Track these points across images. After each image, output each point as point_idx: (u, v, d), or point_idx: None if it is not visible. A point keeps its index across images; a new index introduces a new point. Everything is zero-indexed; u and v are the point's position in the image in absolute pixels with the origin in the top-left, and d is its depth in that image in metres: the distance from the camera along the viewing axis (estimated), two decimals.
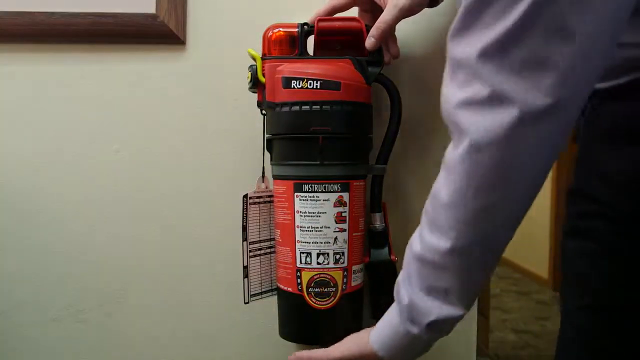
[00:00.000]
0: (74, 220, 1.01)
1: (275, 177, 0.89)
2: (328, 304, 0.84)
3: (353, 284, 0.87)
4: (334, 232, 0.84)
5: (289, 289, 0.86)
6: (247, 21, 1.00)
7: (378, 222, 0.91)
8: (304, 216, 0.84)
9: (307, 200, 0.83)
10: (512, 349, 2.31)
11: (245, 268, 0.91)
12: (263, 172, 0.96)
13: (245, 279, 0.91)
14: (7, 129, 1.00)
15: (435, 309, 0.66)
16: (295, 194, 0.84)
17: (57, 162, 1.00)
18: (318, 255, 0.83)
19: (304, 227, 0.84)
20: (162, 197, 1.01)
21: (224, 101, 1.00)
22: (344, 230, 0.84)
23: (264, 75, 0.87)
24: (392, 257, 0.90)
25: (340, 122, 0.83)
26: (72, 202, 1.01)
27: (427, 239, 0.64)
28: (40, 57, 1.00)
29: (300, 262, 0.84)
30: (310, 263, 0.84)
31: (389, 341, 0.71)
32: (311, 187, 0.83)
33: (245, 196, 0.92)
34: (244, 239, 0.91)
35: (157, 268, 1.02)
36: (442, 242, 0.62)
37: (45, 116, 1.00)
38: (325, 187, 0.83)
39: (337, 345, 0.78)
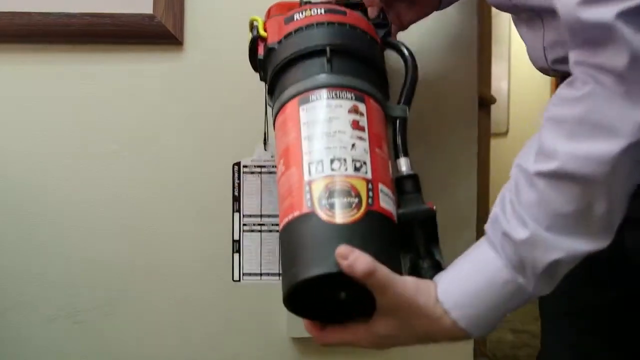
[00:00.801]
0: (71, 221, 1.00)
1: (276, 114, 0.71)
2: (350, 217, 0.57)
3: (383, 205, 0.60)
4: (351, 138, 0.63)
5: (295, 214, 0.60)
6: (245, 21, 0.99)
7: (405, 168, 0.68)
8: (312, 125, 0.64)
9: (315, 108, 0.65)
10: (511, 348, 2.31)
11: (237, 242, 0.85)
12: (265, 138, 0.90)
13: (237, 254, 0.85)
14: (2, 129, 1.00)
15: (564, 242, 0.51)
16: (300, 107, 0.65)
17: (55, 163, 1.00)
18: (332, 161, 0.61)
19: (313, 135, 0.63)
20: (160, 198, 1.01)
21: (221, 101, 1.00)
22: (363, 139, 0.63)
23: (265, 30, 0.77)
24: (430, 204, 0.65)
25: (349, 39, 0.71)
26: (69, 202, 1.00)
27: (574, 148, 0.51)
28: (37, 57, 1.00)
29: (310, 173, 0.61)
30: (322, 171, 0.60)
31: (471, 299, 0.54)
32: (319, 95, 0.65)
33: (238, 164, 0.85)
34: (236, 209, 0.86)
35: (155, 269, 1.01)
36: (609, 145, 0.49)
37: (42, 117, 1.00)
38: (336, 94, 0.65)
39: (389, 281, 0.54)
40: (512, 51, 3.55)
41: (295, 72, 0.70)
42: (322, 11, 0.72)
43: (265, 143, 0.93)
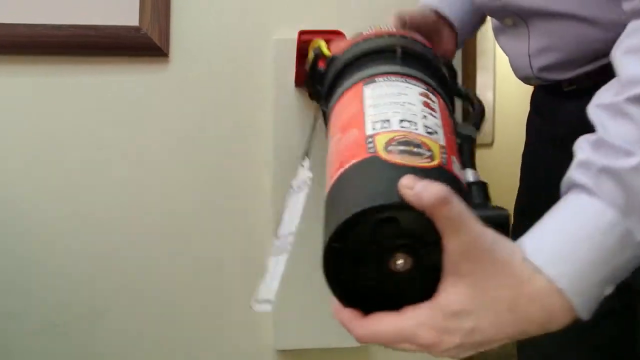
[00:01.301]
0: (55, 233, 0.99)
1: (333, 105, 0.65)
2: (419, 163, 0.47)
3: (456, 172, 0.52)
4: (422, 111, 0.55)
5: (352, 161, 0.51)
6: (231, 34, 1.00)
7: (472, 177, 0.60)
8: (378, 97, 0.57)
9: (382, 87, 0.58)
10: (501, 347, 2.31)
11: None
12: (306, 154, 0.87)
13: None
14: None
15: None
16: (365, 86, 0.59)
17: (38, 175, 0.99)
18: (401, 121, 0.53)
19: (379, 103, 0.56)
20: (144, 211, 1.00)
21: (208, 113, 1.00)
22: (435, 116, 0.56)
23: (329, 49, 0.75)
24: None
25: (420, 48, 0.67)
26: (52, 215, 0.99)
27: None
28: (22, 69, 0.99)
29: (374, 128, 0.52)
30: (389, 127, 0.52)
31: (570, 252, 0.43)
32: (387, 77, 0.59)
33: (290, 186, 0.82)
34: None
35: (138, 281, 1.01)
36: None
37: (27, 128, 0.99)
38: (406, 80, 0.59)
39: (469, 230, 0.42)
40: (497, 62, 3.58)
41: (360, 65, 0.64)
42: (392, 29, 0.70)
43: (305, 158, 0.96)
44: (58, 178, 0.99)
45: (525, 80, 0.75)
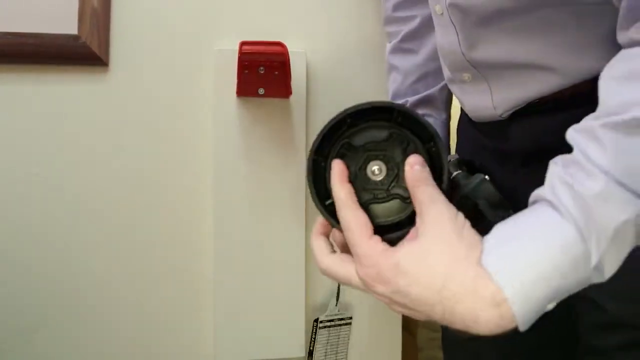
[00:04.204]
0: None
1: None
2: None
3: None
4: None
5: None
6: (171, 44, 1.00)
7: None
8: None
9: None
10: None
11: None
12: (338, 294, 0.97)
13: None
14: None
15: (637, 199, 0.43)
16: None
17: None
18: None
19: None
20: (79, 221, 0.98)
21: (147, 123, 0.99)
22: None
23: None
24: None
25: None
26: None
27: None
28: None
29: None
30: None
31: (526, 264, 0.43)
32: None
33: (316, 320, 0.93)
34: None
35: (73, 295, 0.98)
36: None
37: None
38: None
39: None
40: None
41: None
42: None
43: (337, 299, 0.99)
44: None
45: (488, 118, 0.74)
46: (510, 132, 0.70)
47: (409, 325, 1.11)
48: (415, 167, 0.48)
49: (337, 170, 0.50)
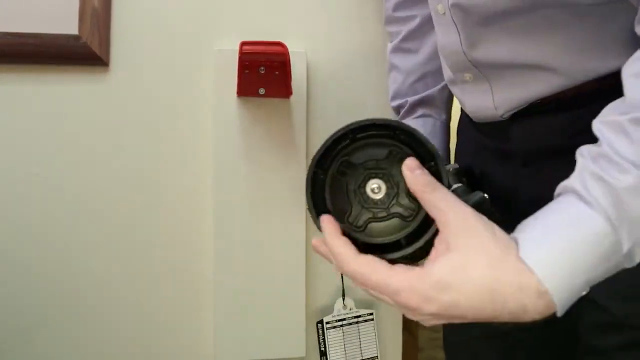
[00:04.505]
0: None
1: None
2: None
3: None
4: None
5: None
6: (172, 43, 1.00)
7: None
8: None
9: None
10: None
11: None
12: (343, 294, 0.97)
13: None
14: None
15: None
16: None
17: None
18: None
19: None
20: (79, 221, 0.98)
21: (148, 123, 0.99)
22: None
23: None
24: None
25: None
26: None
27: None
28: None
29: None
30: None
31: (561, 257, 0.44)
32: None
33: (321, 322, 0.93)
34: None
35: (74, 295, 0.98)
36: None
37: None
38: None
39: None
40: None
41: None
42: None
43: (343, 298, 0.99)
44: None
45: (489, 119, 0.74)
46: (511, 132, 0.70)
47: (410, 326, 1.11)
48: (416, 172, 0.48)
49: (327, 227, 0.49)
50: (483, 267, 0.44)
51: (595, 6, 0.57)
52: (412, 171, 0.48)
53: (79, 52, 0.97)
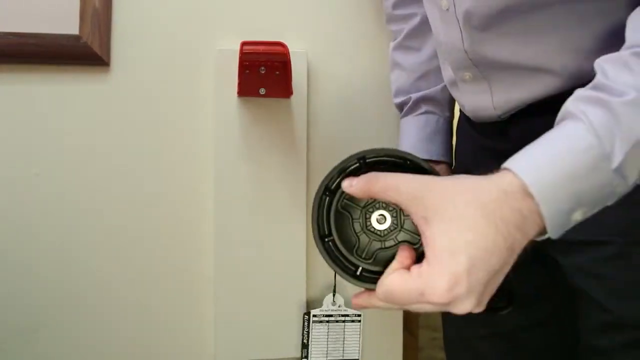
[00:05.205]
0: None
1: None
2: None
3: None
4: None
5: None
6: (173, 43, 1.00)
7: None
8: None
9: None
10: None
11: None
12: (334, 290, 0.97)
13: None
14: None
15: None
16: None
17: None
18: None
19: None
20: (80, 221, 0.98)
21: (149, 123, 0.99)
22: None
23: None
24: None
25: None
26: None
27: None
28: None
29: None
30: None
31: (546, 161, 0.44)
32: None
33: (308, 314, 0.94)
34: (304, 356, 0.94)
35: (74, 295, 0.98)
36: None
37: None
38: None
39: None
40: None
41: None
42: None
43: (334, 295, 0.99)
44: None
45: (487, 119, 0.74)
46: (509, 132, 0.70)
47: (410, 325, 1.11)
48: (352, 183, 0.48)
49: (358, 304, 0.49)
50: (463, 204, 0.43)
51: (598, 3, 0.57)
52: (349, 187, 0.48)
53: (80, 52, 0.97)
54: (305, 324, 1.01)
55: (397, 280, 0.45)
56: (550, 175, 0.43)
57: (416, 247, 0.49)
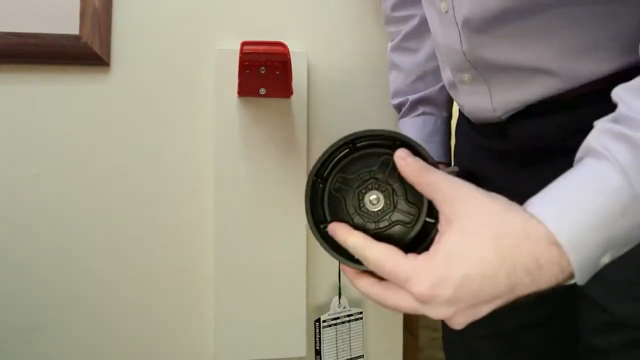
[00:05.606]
0: None
1: None
2: None
3: None
4: None
5: None
6: (173, 43, 1.00)
7: None
8: None
9: None
10: None
11: None
12: (339, 292, 0.98)
13: None
14: None
15: None
16: None
17: None
18: None
19: None
20: (80, 222, 0.98)
21: (149, 123, 0.99)
22: None
23: None
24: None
25: None
26: None
27: None
28: None
29: None
30: None
31: (573, 206, 0.41)
32: None
33: (318, 320, 0.94)
34: None
35: (74, 296, 0.98)
36: None
37: None
38: None
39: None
40: None
41: None
42: None
43: (339, 297, 1.00)
44: None
45: (488, 120, 0.74)
46: (509, 133, 0.70)
47: (410, 326, 1.11)
48: (407, 160, 0.47)
49: (339, 227, 0.49)
50: (485, 225, 0.42)
51: (590, 11, 0.57)
52: (404, 160, 0.47)
53: (80, 52, 0.97)
54: (317, 330, 1.01)
55: (393, 254, 0.45)
56: (580, 223, 0.41)
57: (409, 227, 0.49)
